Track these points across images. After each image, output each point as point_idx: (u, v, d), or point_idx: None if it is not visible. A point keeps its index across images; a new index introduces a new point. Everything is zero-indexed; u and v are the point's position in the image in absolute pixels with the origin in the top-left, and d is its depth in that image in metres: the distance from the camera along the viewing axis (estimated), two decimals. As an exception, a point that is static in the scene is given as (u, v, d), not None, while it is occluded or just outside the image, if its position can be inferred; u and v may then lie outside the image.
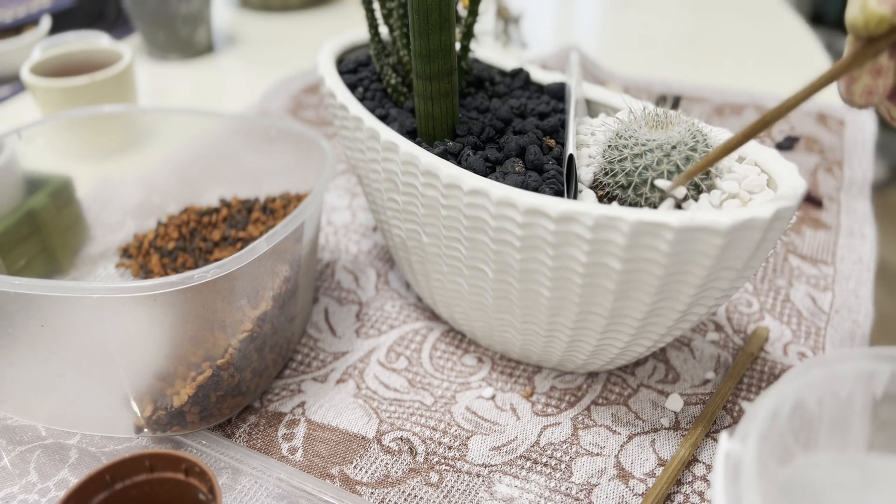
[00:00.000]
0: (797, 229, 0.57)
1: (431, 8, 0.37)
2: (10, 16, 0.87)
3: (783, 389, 0.26)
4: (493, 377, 0.46)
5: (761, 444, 0.25)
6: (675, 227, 0.31)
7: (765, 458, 0.26)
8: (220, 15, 1.07)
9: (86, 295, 0.36)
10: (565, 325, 0.39)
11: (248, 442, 0.42)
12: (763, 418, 0.25)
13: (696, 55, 0.87)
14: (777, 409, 0.26)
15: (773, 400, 0.26)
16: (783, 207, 0.32)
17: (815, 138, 0.68)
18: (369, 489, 0.39)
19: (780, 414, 0.26)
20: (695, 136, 0.36)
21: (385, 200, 0.43)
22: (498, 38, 0.93)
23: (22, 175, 0.53)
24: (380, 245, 0.57)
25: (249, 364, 0.41)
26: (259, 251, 0.38)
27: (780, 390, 0.26)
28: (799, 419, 0.27)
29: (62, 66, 0.70)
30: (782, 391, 0.26)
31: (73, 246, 0.56)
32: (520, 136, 0.41)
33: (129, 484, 0.33)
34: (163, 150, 0.58)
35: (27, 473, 0.40)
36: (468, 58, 0.47)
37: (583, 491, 0.38)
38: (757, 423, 0.25)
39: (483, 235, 0.37)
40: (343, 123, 0.45)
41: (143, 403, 0.40)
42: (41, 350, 0.39)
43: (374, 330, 0.49)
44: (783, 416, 0.26)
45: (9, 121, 0.78)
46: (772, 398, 0.25)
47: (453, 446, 0.41)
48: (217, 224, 0.55)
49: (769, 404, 0.25)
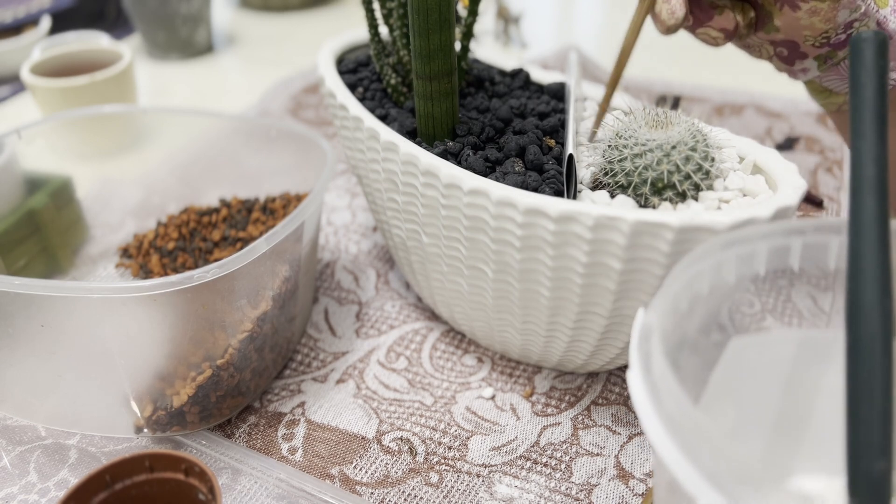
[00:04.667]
0: (797, 229, 0.57)
1: (431, 8, 0.37)
2: (10, 16, 0.87)
3: (694, 266, 0.26)
4: (493, 377, 0.46)
5: (676, 315, 0.26)
6: (675, 227, 0.31)
7: (690, 331, 0.27)
8: (220, 15, 1.07)
9: (86, 295, 0.36)
10: (565, 325, 0.39)
11: (248, 442, 0.42)
12: (676, 290, 0.26)
13: (696, 55, 0.87)
14: (692, 284, 0.26)
15: (685, 275, 0.26)
16: (783, 207, 0.33)
17: (815, 138, 0.68)
18: (369, 489, 0.39)
19: (698, 290, 0.27)
20: (695, 136, 0.36)
21: (385, 200, 0.43)
22: (498, 38, 0.93)
23: (22, 175, 0.53)
24: (380, 245, 0.57)
25: (249, 364, 0.41)
26: (259, 251, 0.38)
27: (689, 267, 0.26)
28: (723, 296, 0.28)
29: (62, 66, 0.70)
30: (693, 267, 0.26)
31: (73, 246, 0.56)
32: (520, 136, 0.41)
33: (129, 484, 0.33)
34: (163, 150, 0.58)
35: (27, 473, 0.40)
36: (468, 58, 0.47)
37: (583, 491, 0.38)
38: (667, 296, 0.25)
39: (483, 235, 0.37)
40: (343, 123, 0.45)
41: (143, 403, 0.40)
42: (41, 350, 0.39)
43: (374, 330, 0.49)
44: (702, 293, 0.27)
45: (9, 121, 0.78)
46: (682, 274, 0.26)
47: (453, 446, 0.41)
48: (217, 224, 0.55)
49: (681, 279, 0.26)
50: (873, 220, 0.22)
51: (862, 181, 0.23)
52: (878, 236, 0.22)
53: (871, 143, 0.23)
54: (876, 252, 0.22)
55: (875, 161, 0.23)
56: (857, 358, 0.21)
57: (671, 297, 0.25)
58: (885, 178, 0.23)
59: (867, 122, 0.23)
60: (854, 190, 0.23)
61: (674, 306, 0.26)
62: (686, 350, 0.27)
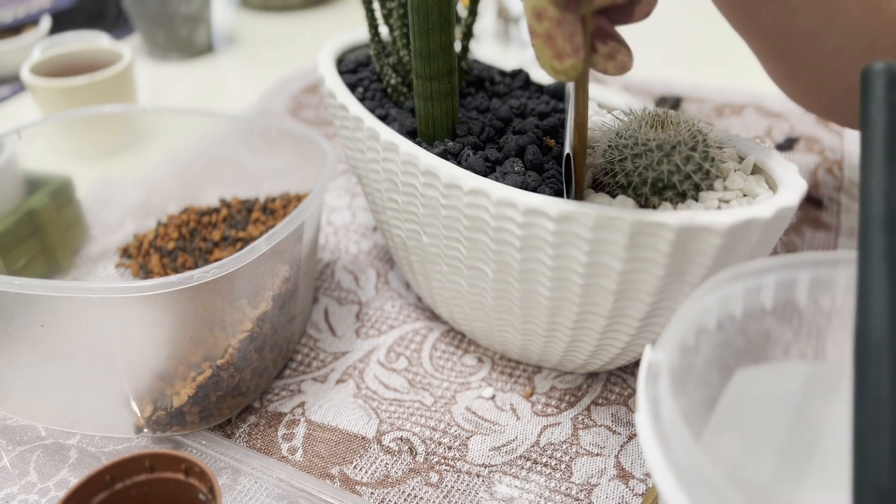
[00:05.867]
0: (797, 229, 0.57)
1: (431, 8, 0.37)
2: (10, 16, 0.87)
3: (701, 301, 0.27)
4: (493, 377, 0.46)
5: (683, 352, 0.26)
6: (675, 227, 0.31)
7: (700, 368, 0.27)
8: (220, 15, 1.07)
9: (86, 295, 0.36)
10: (565, 325, 0.39)
11: (248, 442, 0.42)
12: (684, 326, 0.26)
13: (696, 55, 0.87)
14: (699, 319, 0.26)
15: (693, 310, 0.26)
16: (783, 207, 0.32)
17: (815, 138, 0.68)
18: (369, 489, 0.39)
19: (705, 324, 0.27)
20: (695, 136, 0.36)
21: (385, 200, 0.43)
22: (498, 38, 0.93)
23: (22, 175, 0.53)
24: (380, 245, 0.57)
25: (249, 364, 0.41)
26: (259, 251, 0.38)
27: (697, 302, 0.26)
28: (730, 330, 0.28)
29: (62, 66, 0.70)
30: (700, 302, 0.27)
31: (73, 246, 0.56)
32: (520, 136, 0.41)
33: (129, 484, 0.33)
34: (163, 150, 0.58)
35: (27, 473, 0.40)
36: (468, 58, 0.47)
37: (583, 491, 0.38)
38: (676, 331, 0.26)
39: (483, 235, 0.37)
40: (343, 123, 0.45)
41: (143, 403, 0.40)
42: (41, 350, 0.39)
43: (374, 330, 0.49)
44: (710, 328, 0.27)
45: (9, 121, 0.78)
46: (689, 310, 0.26)
47: (453, 446, 0.41)
48: (217, 224, 0.55)
49: (689, 315, 0.26)
50: (882, 258, 0.22)
51: (871, 218, 0.23)
52: (887, 274, 0.22)
53: (880, 178, 0.23)
54: (884, 289, 0.22)
55: (885, 197, 0.22)
56: (864, 396, 0.21)
57: (679, 334, 0.26)
58: (895, 215, 0.23)
59: (877, 156, 0.23)
60: (863, 227, 0.23)
61: (681, 342, 0.26)
62: (692, 383, 0.27)
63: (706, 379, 0.28)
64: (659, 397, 0.24)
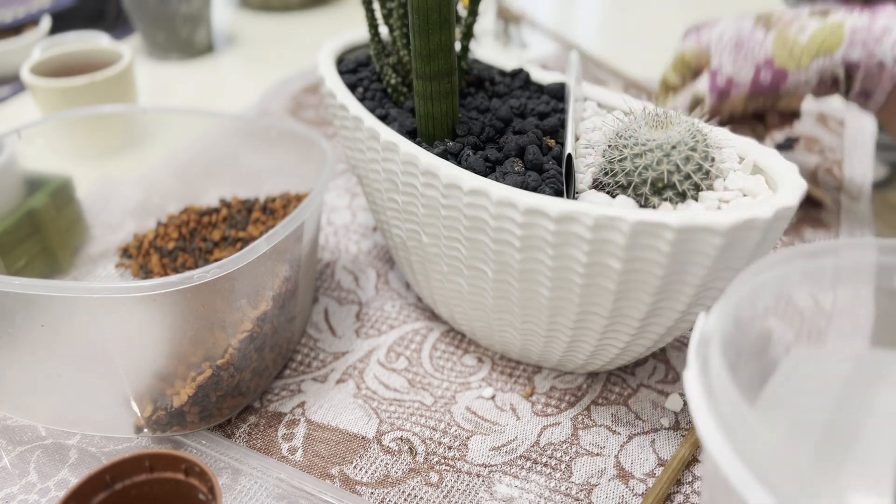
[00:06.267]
0: (797, 229, 0.57)
1: (431, 8, 0.37)
2: (10, 16, 0.87)
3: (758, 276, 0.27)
4: (493, 377, 0.46)
5: (735, 323, 0.26)
6: (675, 227, 0.31)
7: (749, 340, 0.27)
8: (220, 15, 1.07)
9: (86, 295, 0.36)
10: (565, 325, 0.39)
11: (248, 442, 0.42)
12: (735, 300, 0.26)
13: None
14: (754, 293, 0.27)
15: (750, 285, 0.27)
16: (783, 207, 0.32)
17: (815, 138, 0.68)
18: (369, 489, 0.39)
19: (761, 300, 0.27)
20: (695, 135, 0.36)
21: (385, 200, 0.43)
22: (498, 38, 0.93)
23: (22, 175, 0.53)
24: (380, 245, 0.57)
25: (249, 364, 0.41)
26: (259, 251, 0.38)
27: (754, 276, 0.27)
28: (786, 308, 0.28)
29: (62, 66, 0.70)
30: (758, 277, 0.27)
31: (73, 246, 0.56)
32: (520, 136, 0.41)
33: (129, 484, 0.33)
34: (163, 150, 0.58)
35: (27, 473, 0.40)
36: (468, 58, 0.47)
37: (583, 491, 0.38)
38: (728, 304, 0.26)
39: (483, 235, 0.37)
40: (343, 123, 0.45)
41: (143, 403, 0.40)
42: (41, 350, 0.39)
43: (374, 330, 0.49)
44: (765, 304, 0.28)
45: (9, 121, 0.78)
46: (746, 283, 0.27)
47: (453, 446, 0.41)
48: (217, 224, 0.55)
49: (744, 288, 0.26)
50: None
51: None
52: None
53: None
54: None
55: None
56: None
57: (733, 304, 0.26)
58: None
59: None
60: None
61: (735, 314, 0.26)
62: (744, 358, 0.27)
63: (757, 355, 0.28)
64: (709, 356, 0.24)
